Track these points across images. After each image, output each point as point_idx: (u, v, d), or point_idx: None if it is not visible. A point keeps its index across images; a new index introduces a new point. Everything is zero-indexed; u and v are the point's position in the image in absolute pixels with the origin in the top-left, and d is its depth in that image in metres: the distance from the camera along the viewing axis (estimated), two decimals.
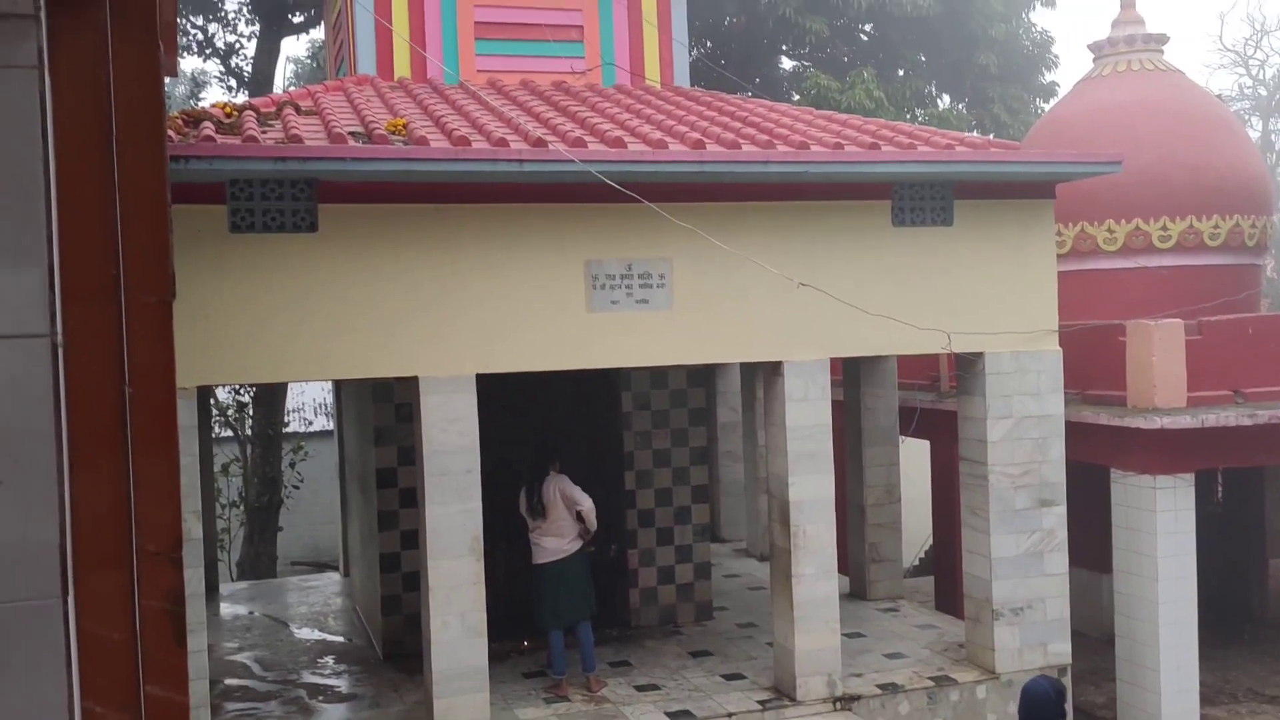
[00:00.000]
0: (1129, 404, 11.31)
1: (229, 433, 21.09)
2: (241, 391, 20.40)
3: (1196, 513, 11.18)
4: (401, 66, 11.56)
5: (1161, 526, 10.96)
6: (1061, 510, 10.41)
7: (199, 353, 7.93)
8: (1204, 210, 13.80)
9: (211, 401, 18.37)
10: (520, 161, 8.47)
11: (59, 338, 1.57)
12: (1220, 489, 15.56)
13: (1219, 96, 21.74)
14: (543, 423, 11.45)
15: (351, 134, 8.54)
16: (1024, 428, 10.34)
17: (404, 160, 8.21)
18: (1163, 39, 15.07)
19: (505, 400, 10.60)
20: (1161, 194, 13.68)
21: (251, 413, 20.67)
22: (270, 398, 19.82)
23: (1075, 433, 10.89)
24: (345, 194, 8.45)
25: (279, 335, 8.37)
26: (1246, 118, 31.49)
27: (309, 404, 27.36)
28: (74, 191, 1.62)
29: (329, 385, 21.41)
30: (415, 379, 8.81)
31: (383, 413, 11.42)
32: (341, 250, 8.50)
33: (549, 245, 9.04)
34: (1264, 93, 31.61)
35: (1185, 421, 10.74)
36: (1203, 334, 11.43)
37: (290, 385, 21.73)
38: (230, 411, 20.74)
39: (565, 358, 9.19)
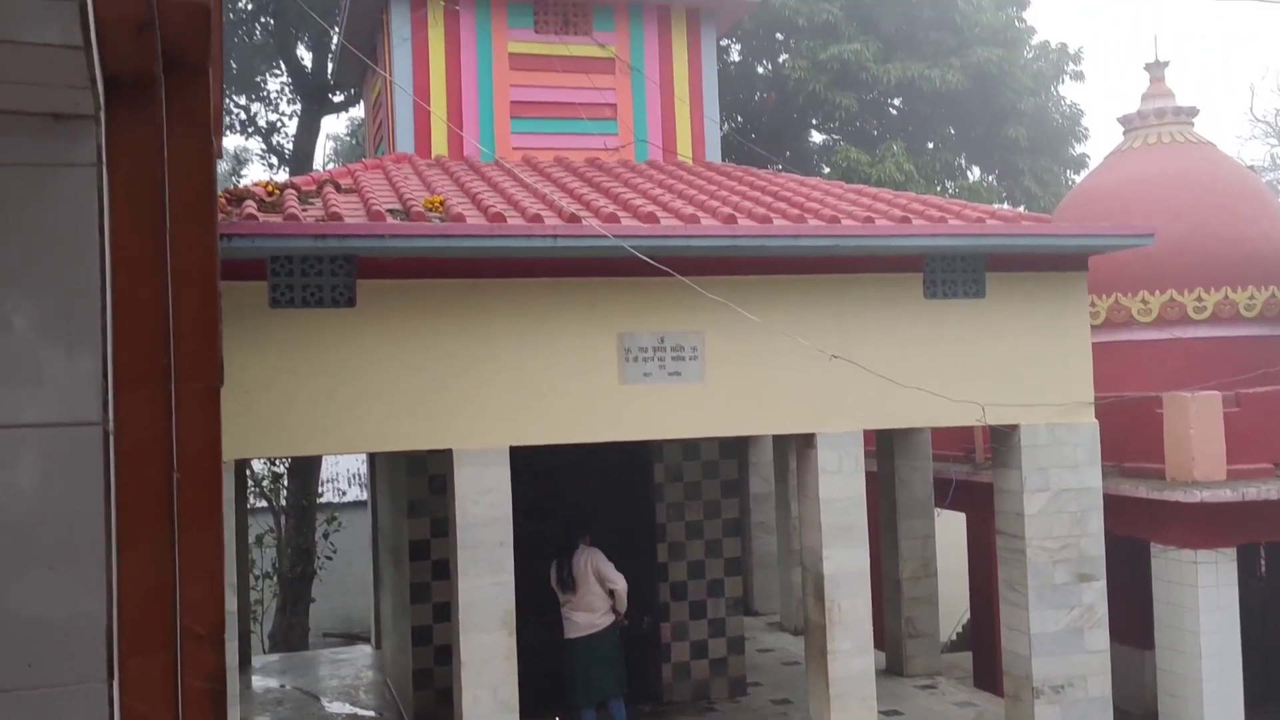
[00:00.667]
0: (1167, 477, 11.17)
1: (264, 503, 21.21)
2: (277, 463, 20.55)
3: (1240, 587, 10.96)
4: (439, 144, 11.81)
5: (1204, 602, 10.75)
6: (1101, 585, 10.24)
7: (238, 426, 8.03)
8: (1239, 281, 13.73)
9: (247, 473, 18.51)
10: (554, 237, 8.59)
11: (110, 425, 1.63)
12: (1263, 563, 15.25)
13: (1251, 167, 21.74)
14: (575, 494, 11.46)
15: (390, 211, 8.71)
16: (1062, 501, 10.22)
17: (441, 237, 8.35)
18: (1193, 111, 15.13)
19: (537, 471, 10.63)
20: (1196, 265, 13.64)
21: (286, 484, 20.80)
22: (305, 469, 19.96)
23: (1113, 506, 10.75)
24: (383, 270, 8.60)
25: (316, 408, 8.47)
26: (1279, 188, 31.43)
27: (343, 474, 27.49)
28: (128, 282, 1.69)
29: (363, 456, 21.53)
30: (449, 451, 8.87)
31: (416, 484, 11.47)
32: (378, 324, 8.62)
33: (582, 318, 9.13)
34: None
35: (1225, 495, 10.58)
36: (1241, 406, 11.31)
37: (325, 456, 21.87)
38: (265, 482, 20.88)
39: (598, 430, 9.22)
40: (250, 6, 20.10)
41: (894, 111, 21.69)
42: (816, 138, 23.06)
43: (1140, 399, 11.77)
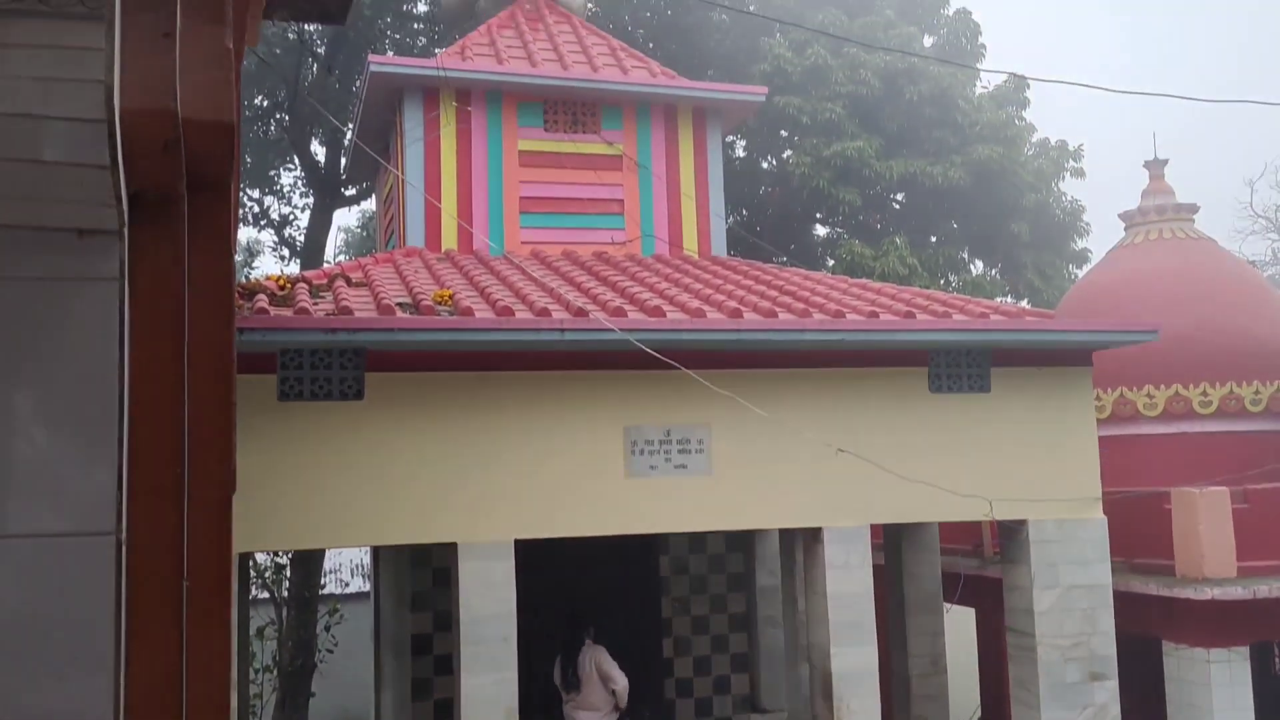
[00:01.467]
0: (1177, 573, 11.07)
1: (265, 594, 21.00)
2: (279, 553, 20.40)
3: (1254, 686, 10.77)
4: (449, 238, 11.98)
5: (1218, 702, 10.56)
6: (1113, 684, 10.08)
7: (243, 519, 8.01)
8: (1244, 376, 13.75)
9: (250, 564, 18.38)
10: (562, 330, 8.68)
11: (123, 535, 1.65)
12: (1278, 661, 15.00)
13: (1252, 262, 21.92)
14: (579, 587, 11.37)
15: (400, 305, 8.81)
16: (1072, 598, 10.12)
17: (449, 330, 8.44)
18: (1193, 208, 15.32)
19: (542, 563, 10.56)
20: (1200, 360, 13.67)
21: (289, 574, 20.62)
22: (307, 559, 19.80)
23: (1124, 603, 10.63)
24: (392, 363, 8.67)
25: (322, 501, 8.47)
26: None
27: (346, 565, 27.25)
28: (145, 393, 1.73)
29: (367, 547, 21.39)
30: (453, 544, 8.84)
31: (419, 577, 11.41)
32: (386, 417, 8.67)
33: (589, 411, 9.17)
34: None
35: (1237, 593, 10.47)
36: (1249, 502, 11.24)
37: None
38: (268, 573, 20.70)
39: (604, 523, 9.20)
40: (265, 103, 20.57)
41: (897, 206, 21.96)
42: (821, 231, 23.32)
43: (1148, 495, 11.71)
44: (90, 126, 1.60)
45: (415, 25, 21.13)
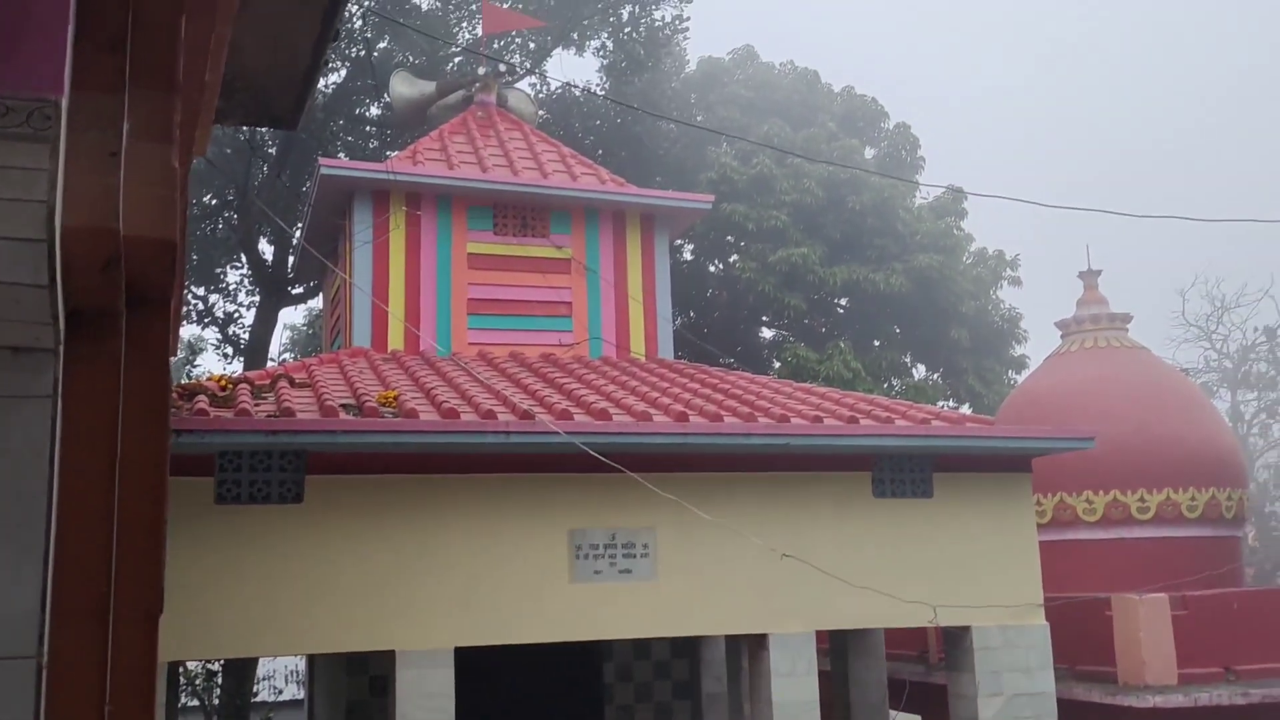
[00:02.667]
0: (1120, 680, 11.09)
1: (195, 702, 20.28)
2: (211, 660, 19.76)
3: None
4: (395, 339, 11.97)
5: None
6: None
7: (174, 627, 7.77)
8: (1180, 482, 13.99)
9: (180, 671, 17.78)
10: (507, 433, 8.64)
11: (44, 659, 1.61)
12: None
13: (1185, 370, 22.50)
14: (521, 695, 11.12)
15: (343, 406, 8.74)
16: (1016, 706, 10.08)
17: (393, 433, 8.38)
18: (1126, 318, 15.76)
19: (482, 671, 10.33)
20: (1137, 466, 13.91)
21: (220, 681, 19.95)
22: (240, 666, 19.19)
23: (1067, 711, 10.61)
24: (334, 465, 8.57)
25: (257, 608, 8.26)
26: (1214, 389, 32.42)
27: (280, 671, 26.45)
28: (74, 513, 1.70)
29: None
30: (391, 651, 8.63)
31: (356, 685, 11.11)
32: (325, 521, 8.52)
33: (533, 515, 9.09)
34: (1229, 365, 32.72)
35: (1178, 700, 10.50)
36: (1188, 609, 11.35)
37: None
38: (198, 681, 20.02)
39: (547, 630, 9.05)
40: (214, 201, 20.59)
41: (841, 311, 22.34)
42: (767, 334, 23.62)
43: (1090, 600, 11.79)
44: (32, 246, 1.61)
45: (367, 128, 21.40)
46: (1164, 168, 70.30)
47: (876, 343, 21.64)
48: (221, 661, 19.66)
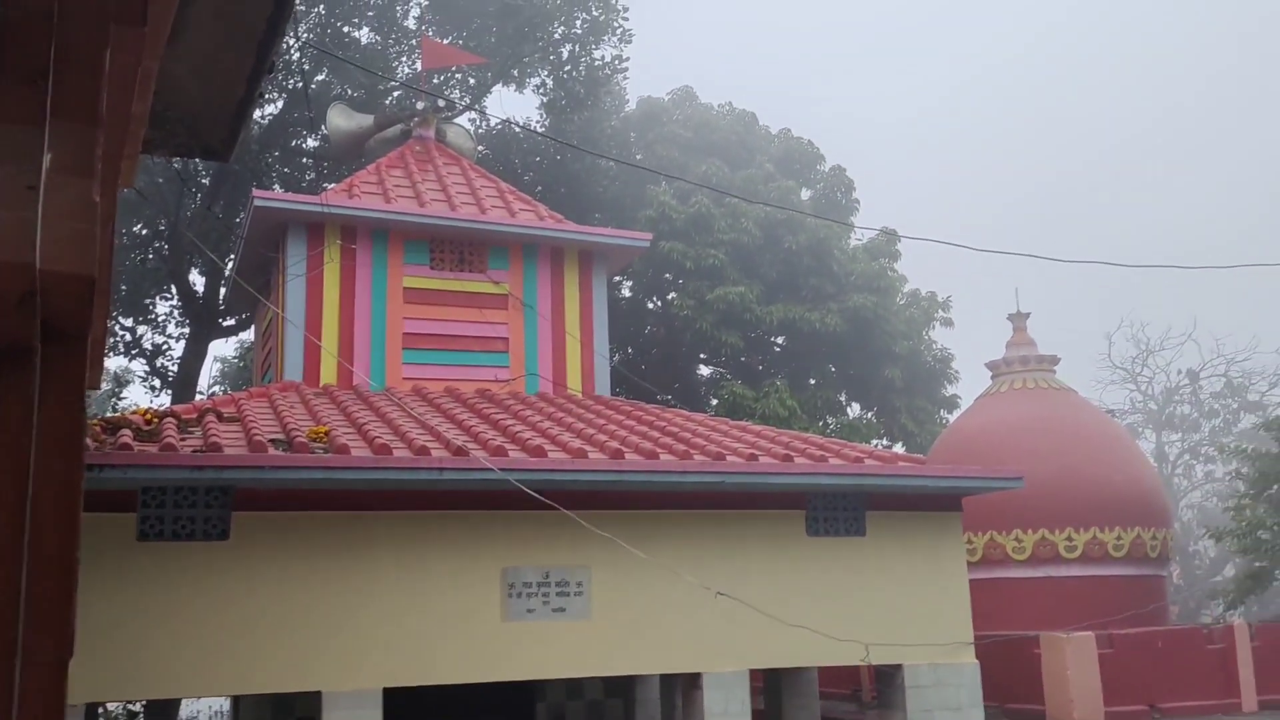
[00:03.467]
0: (1048, 717, 11.21)
1: None
2: (132, 700, 19.18)
3: None
4: (328, 373, 11.82)
5: None
6: None
7: (92, 667, 7.56)
8: (1106, 522, 14.27)
9: (100, 712, 17.23)
10: (440, 470, 8.56)
11: None
12: None
13: (1111, 412, 23.00)
14: None
15: (273, 441, 8.59)
16: None
17: (323, 469, 8.25)
18: (1054, 359, 16.11)
19: (411, 712, 10.14)
20: (1064, 506, 14.17)
21: None
22: (162, 707, 18.64)
23: None
24: (261, 501, 8.41)
25: (180, 648, 8.05)
26: (1139, 431, 33.16)
27: (204, 712, 25.78)
28: None
29: None
30: (318, 692, 8.45)
31: None
32: (251, 558, 8.35)
33: (466, 553, 8.99)
34: (1154, 407, 33.51)
35: None
36: (1114, 647, 11.54)
37: None
38: None
39: (479, 670, 8.93)
40: (145, 231, 20.23)
41: (777, 349, 22.53)
42: (704, 371, 23.73)
43: (1018, 639, 11.93)
44: None
45: (304, 160, 21.21)
46: (1092, 198, 72.24)
47: (812, 381, 21.83)
48: (143, 702, 19.10)
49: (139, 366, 22.08)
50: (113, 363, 23.63)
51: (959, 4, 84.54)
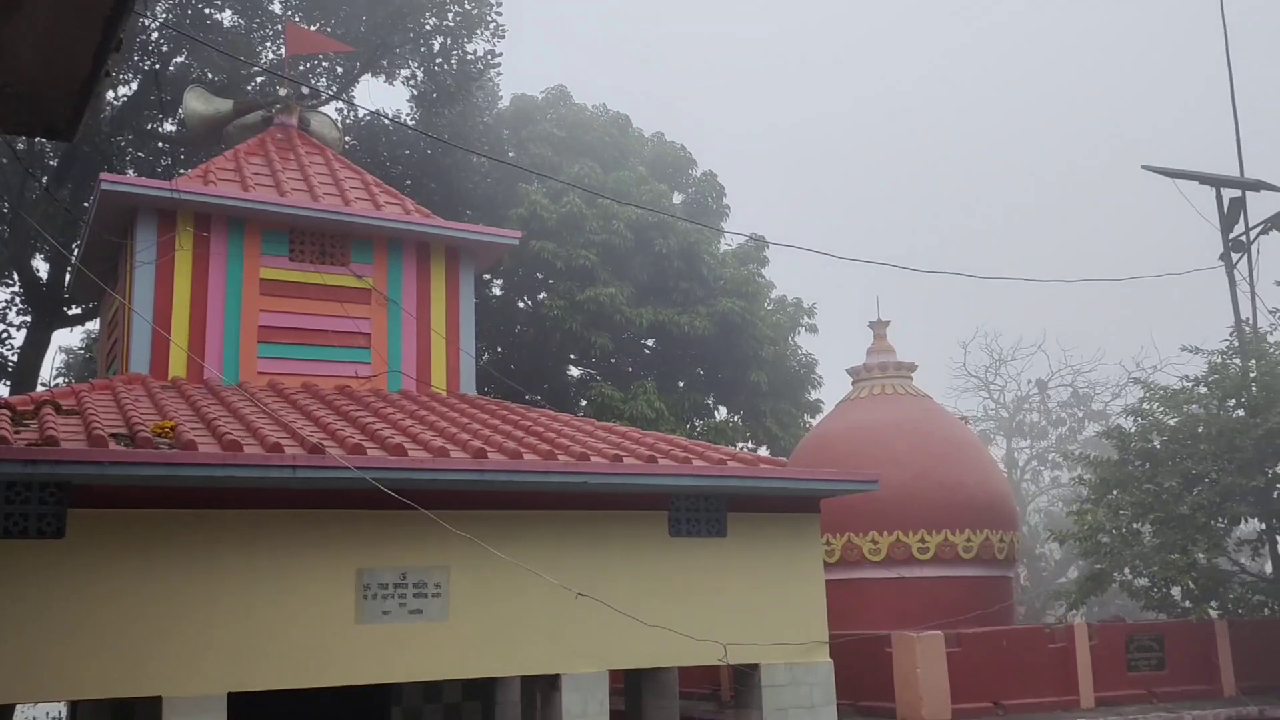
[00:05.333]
0: (898, 715, 11.51)
1: None
2: None
3: None
4: (177, 366, 11.35)
5: None
6: None
7: None
8: (957, 525, 14.75)
9: None
10: (294, 467, 8.29)
11: None
12: None
13: (964, 418, 23.79)
14: None
15: (114, 435, 8.19)
16: None
17: (168, 465, 7.90)
18: (911, 366, 16.57)
19: (259, 716, 9.79)
20: (918, 509, 14.59)
21: None
22: None
23: None
24: (101, 498, 8.01)
25: (12, 651, 7.62)
26: (991, 437, 34.45)
27: (40, 718, 24.53)
28: None
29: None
30: (159, 698, 8.08)
31: None
32: (89, 558, 7.95)
33: (319, 553, 8.73)
34: (1005, 414, 34.87)
35: None
36: (962, 646, 11.91)
37: None
38: None
39: (330, 673, 8.68)
40: None
41: (647, 352, 22.63)
42: (574, 372, 23.68)
43: (871, 638, 12.21)
44: None
45: (159, 145, 20.36)
46: (963, 224, 74.88)
47: (681, 383, 22.00)
48: None
49: None
50: None
51: (847, 32, 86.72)
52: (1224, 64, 18.17)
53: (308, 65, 20.37)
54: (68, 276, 18.47)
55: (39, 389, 17.92)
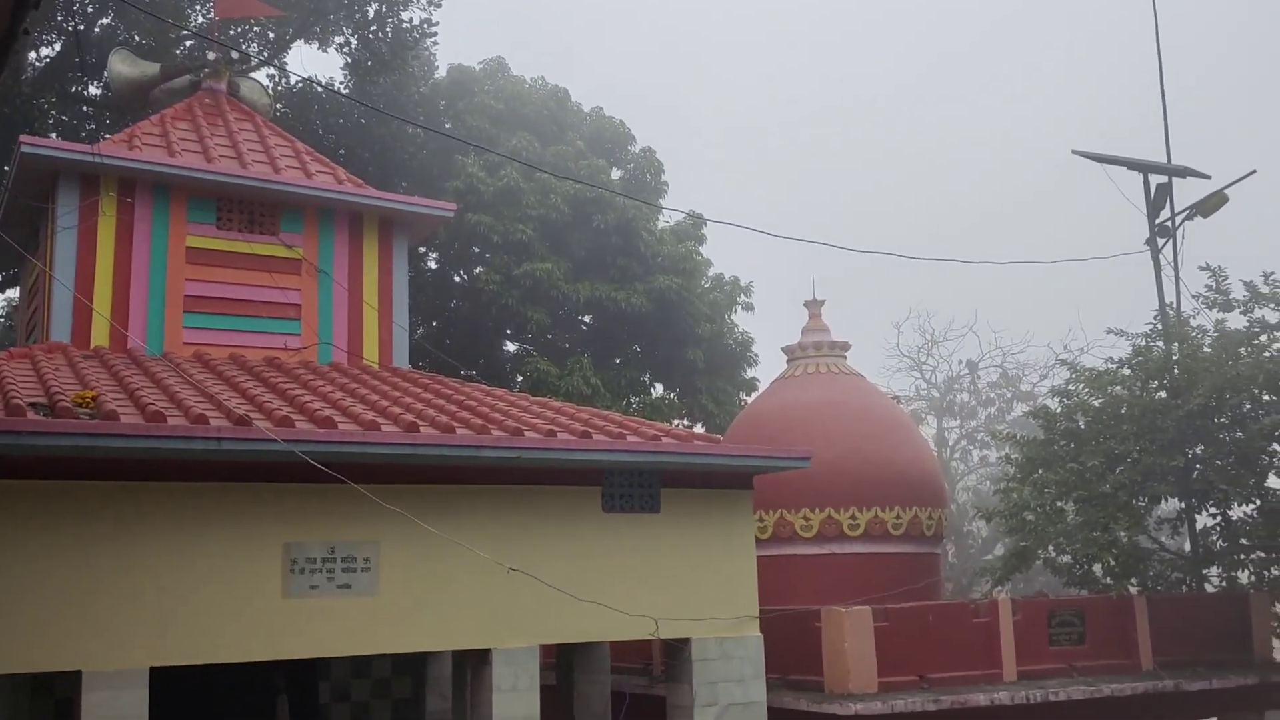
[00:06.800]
0: (826, 689, 11.65)
1: None
2: None
3: None
4: (100, 335, 11.07)
5: None
6: None
7: None
8: (887, 502, 14.94)
9: None
10: (219, 439, 8.14)
11: None
12: None
13: (897, 397, 24.13)
14: (224, 717, 10.48)
15: (32, 405, 7.97)
16: (730, 715, 10.39)
17: (88, 436, 7.70)
18: (845, 346, 16.72)
19: (183, 692, 9.65)
20: (850, 486, 14.75)
21: None
22: None
23: (778, 719, 11.03)
24: (19, 469, 7.79)
25: None
26: (923, 416, 34.97)
27: None
28: None
29: None
30: (79, 672, 7.91)
31: (40, 709, 10.15)
32: (7, 530, 7.75)
33: (245, 527, 8.59)
34: (936, 394, 35.41)
35: (877, 707, 11.13)
36: (889, 620, 12.07)
37: None
38: None
39: (256, 648, 8.56)
40: None
41: (584, 328, 22.58)
42: (510, 347, 23.57)
43: (801, 613, 12.33)
44: None
45: (84, 109, 19.79)
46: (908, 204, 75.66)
47: (617, 360, 22.00)
48: None
49: None
50: None
51: (799, 20, 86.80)
52: (1154, 50, 18.51)
53: (238, 29, 19.89)
54: None
55: None
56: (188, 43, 19.31)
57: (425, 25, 20.91)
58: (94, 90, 19.85)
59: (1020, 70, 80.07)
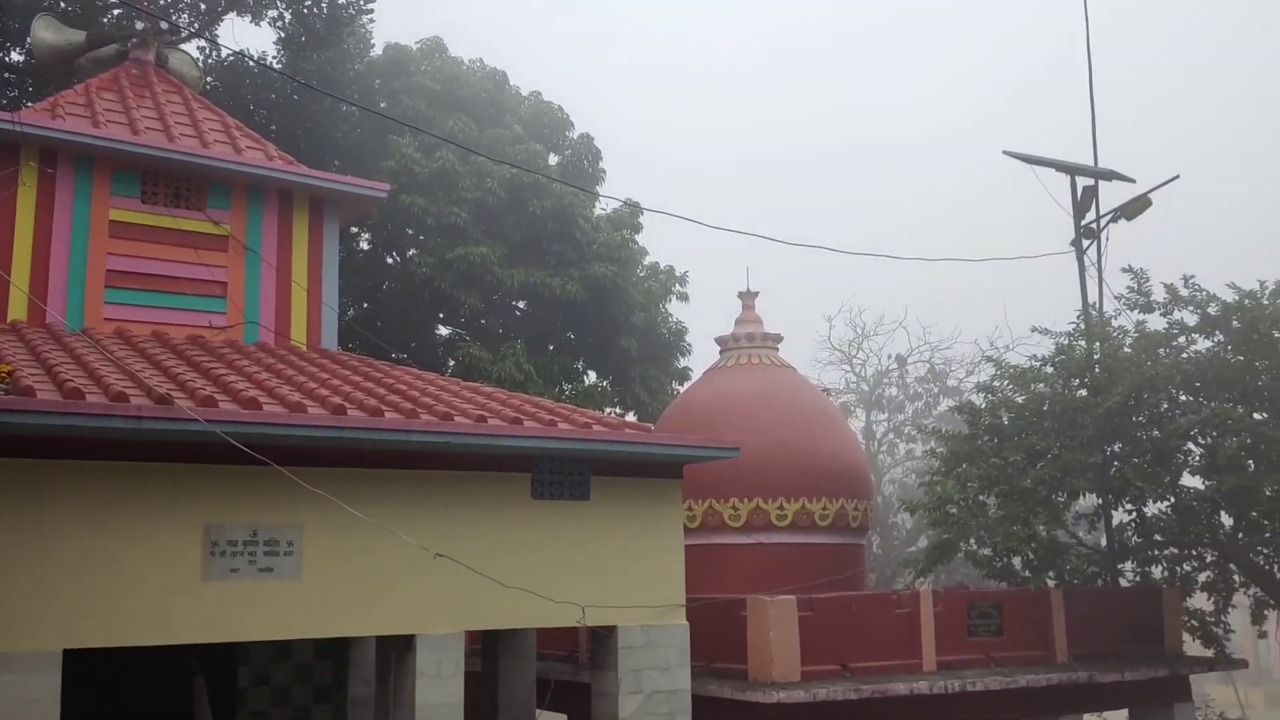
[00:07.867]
0: (750, 677, 11.76)
1: None
2: None
3: None
4: (17, 309, 10.76)
5: None
6: None
7: None
8: (814, 493, 15.11)
9: None
10: (139, 419, 7.95)
11: None
12: None
13: (826, 390, 24.37)
14: (142, 703, 10.28)
15: None
16: (654, 703, 10.43)
17: (2, 412, 7.47)
18: (778, 338, 16.85)
19: (98, 676, 9.45)
20: (778, 476, 14.89)
21: None
22: None
23: (702, 707, 11.11)
24: None
25: None
26: (852, 409, 35.39)
27: None
28: None
29: None
30: None
31: None
32: None
33: (165, 508, 8.41)
34: (865, 388, 35.87)
35: (800, 696, 11.27)
36: (813, 610, 12.21)
37: None
38: None
39: (173, 632, 8.40)
40: None
41: (518, 313, 22.46)
42: (443, 331, 23.36)
43: (727, 601, 12.43)
44: None
45: (4, 75, 19.17)
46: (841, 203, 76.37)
47: (551, 347, 21.92)
48: None
49: None
50: None
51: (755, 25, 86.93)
52: (1084, 54, 18.89)
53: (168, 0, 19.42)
54: None
55: None
56: (115, 10, 18.78)
57: (361, 2, 20.59)
58: (16, 57, 19.23)
59: (968, 74, 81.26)
